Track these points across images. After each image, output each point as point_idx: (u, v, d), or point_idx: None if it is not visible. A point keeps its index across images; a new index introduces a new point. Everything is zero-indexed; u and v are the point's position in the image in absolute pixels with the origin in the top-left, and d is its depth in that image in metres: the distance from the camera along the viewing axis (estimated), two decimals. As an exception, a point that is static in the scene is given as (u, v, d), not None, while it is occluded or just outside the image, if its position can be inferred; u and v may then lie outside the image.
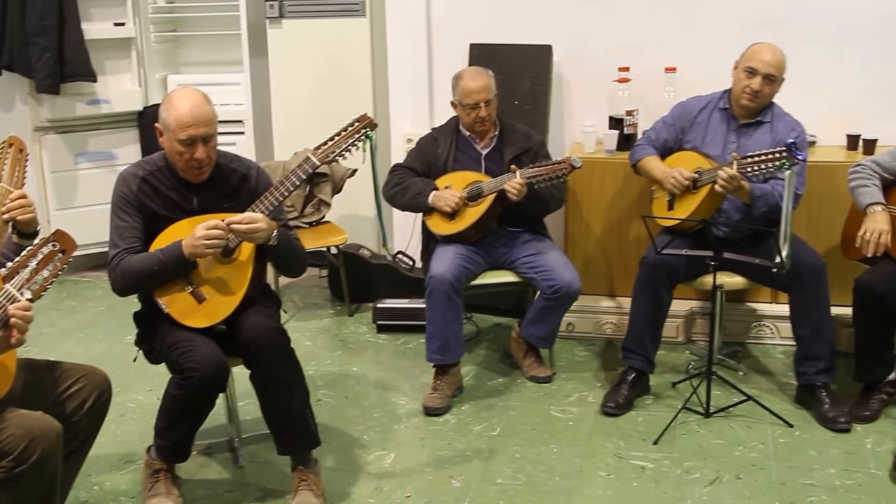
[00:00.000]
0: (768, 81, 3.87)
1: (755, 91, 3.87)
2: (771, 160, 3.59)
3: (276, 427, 3.26)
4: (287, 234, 3.31)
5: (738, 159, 3.70)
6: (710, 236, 3.69)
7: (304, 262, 3.47)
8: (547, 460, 3.57)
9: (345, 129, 3.30)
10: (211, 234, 3.06)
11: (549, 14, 4.94)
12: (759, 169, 3.62)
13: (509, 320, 4.83)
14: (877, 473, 3.41)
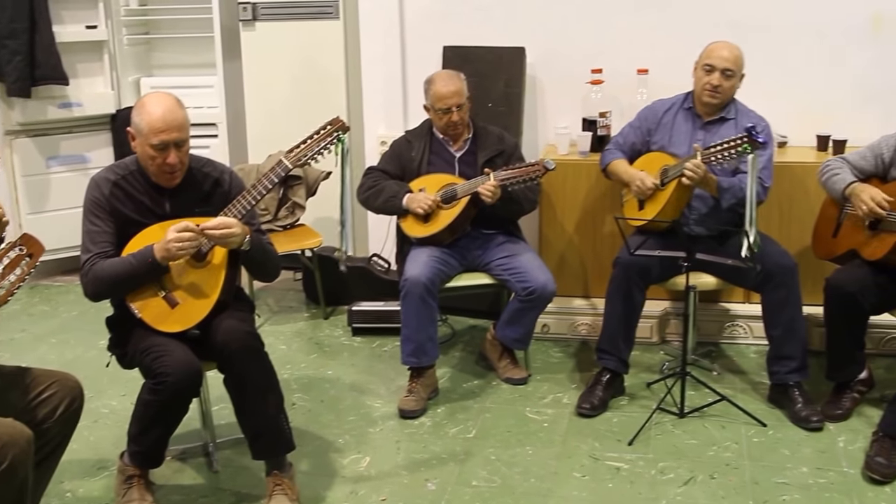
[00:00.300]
0: (727, 76, 3.92)
1: (715, 86, 3.93)
2: (733, 147, 3.63)
3: (250, 431, 3.25)
4: (260, 238, 3.30)
5: (701, 150, 3.74)
6: (681, 235, 3.72)
7: (277, 267, 3.46)
8: (522, 462, 3.57)
9: (317, 132, 3.30)
10: (183, 237, 3.04)
11: (522, 16, 4.95)
12: (723, 157, 3.67)
13: (485, 322, 4.84)
14: (849, 472, 3.44)
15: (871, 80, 4.65)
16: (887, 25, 4.60)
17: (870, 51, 4.64)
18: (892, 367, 4.25)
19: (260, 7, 5.47)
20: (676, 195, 3.87)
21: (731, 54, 3.94)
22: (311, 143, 3.29)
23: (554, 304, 4.28)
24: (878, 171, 3.78)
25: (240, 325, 3.20)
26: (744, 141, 3.59)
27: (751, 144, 3.57)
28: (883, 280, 3.66)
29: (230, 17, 5.60)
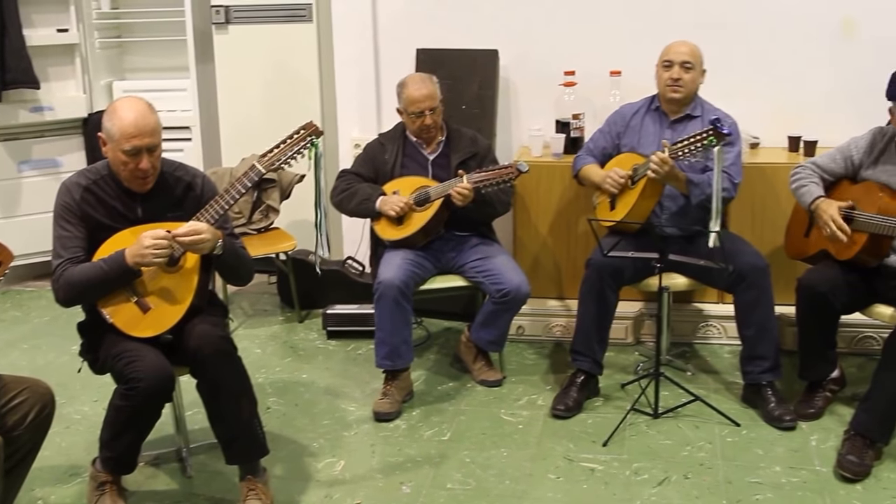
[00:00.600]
0: (686, 69, 3.98)
1: (676, 79, 3.99)
2: (699, 140, 3.65)
3: (223, 436, 3.23)
4: (233, 242, 3.29)
5: (668, 146, 3.76)
6: (654, 236, 3.73)
7: (251, 271, 3.45)
8: (497, 464, 3.58)
9: (290, 136, 3.29)
10: (157, 244, 3.03)
11: (495, 19, 4.96)
12: (690, 151, 3.69)
13: (460, 324, 4.83)
14: (821, 470, 3.46)
15: (841, 82, 4.69)
16: (857, 28, 4.65)
17: (840, 53, 4.68)
18: (863, 365, 4.28)
19: (233, 10, 5.45)
20: (646, 193, 3.89)
21: (687, 48, 4.02)
22: (285, 148, 3.28)
23: (528, 305, 4.29)
24: (847, 172, 3.82)
25: (212, 329, 3.18)
26: (709, 134, 3.61)
27: (716, 137, 3.59)
28: (854, 279, 3.69)
29: (203, 20, 5.58)
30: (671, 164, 3.74)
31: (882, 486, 3.34)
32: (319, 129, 3.30)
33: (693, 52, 4.02)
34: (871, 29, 4.62)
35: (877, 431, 3.45)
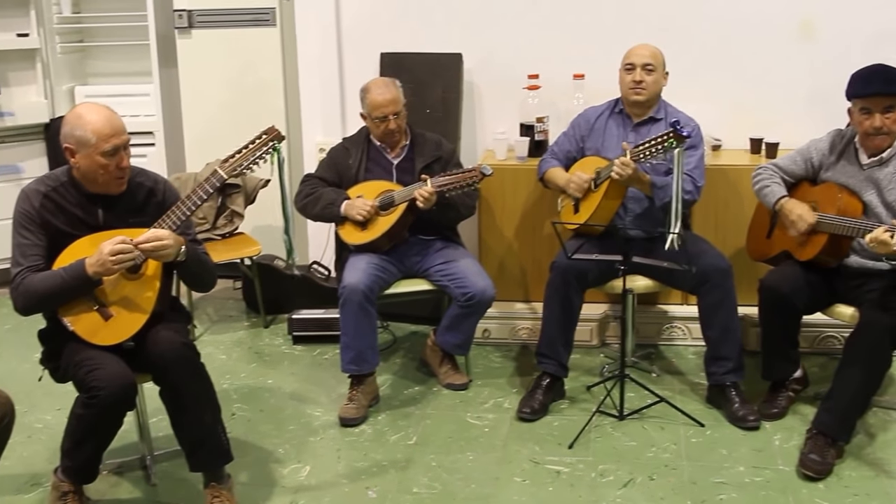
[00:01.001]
0: (648, 71, 4.01)
1: (638, 82, 4.01)
2: (660, 142, 3.68)
3: (187, 443, 3.21)
4: (196, 248, 3.27)
5: (629, 148, 3.78)
6: (618, 238, 3.75)
7: (213, 277, 3.43)
8: (463, 468, 3.58)
9: (252, 141, 3.27)
10: (118, 249, 3.00)
11: (458, 22, 4.96)
12: (651, 153, 3.71)
13: (426, 328, 4.83)
14: (784, 469, 3.49)
15: (801, 84, 4.74)
16: (816, 31, 4.70)
17: (799, 56, 4.73)
18: (826, 365, 4.32)
19: (196, 14, 5.42)
20: (609, 195, 3.91)
21: (648, 50, 4.05)
22: (247, 153, 3.26)
23: (494, 308, 4.30)
24: (808, 174, 3.86)
25: (175, 336, 3.16)
26: (669, 136, 3.64)
27: (676, 139, 3.62)
28: (815, 280, 3.73)
29: (166, 24, 5.55)
30: (633, 166, 3.76)
31: (844, 485, 3.37)
32: (281, 134, 3.28)
33: (655, 54, 4.05)
34: (829, 31, 4.68)
35: (838, 430, 3.49)
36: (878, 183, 3.62)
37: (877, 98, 3.52)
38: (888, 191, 3.60)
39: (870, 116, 3.55)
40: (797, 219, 3.68)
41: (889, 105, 3.52)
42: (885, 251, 3.26)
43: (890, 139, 3.59)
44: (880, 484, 3.38)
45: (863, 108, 3.57)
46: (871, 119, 3.54)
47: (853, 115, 3.64)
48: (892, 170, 3.60)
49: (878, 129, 3.54)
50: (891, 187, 3.59)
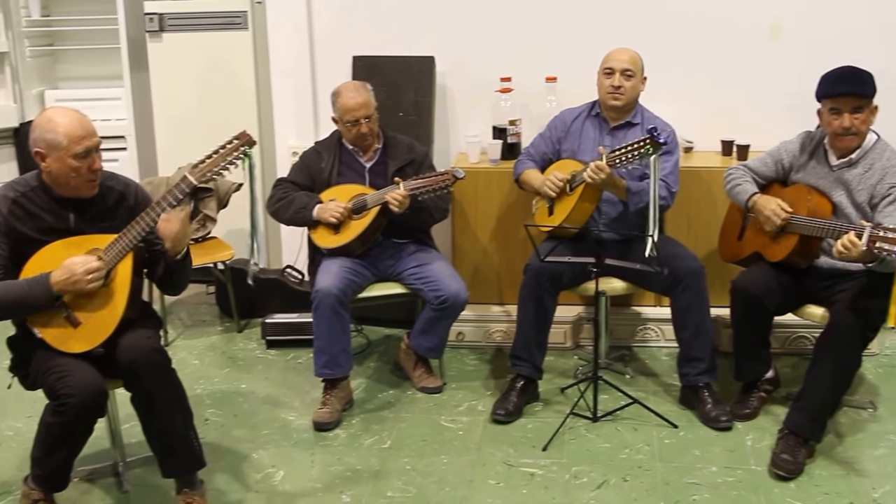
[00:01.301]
0: (627, 76, 4.01)
1: (616, 87, 4.01)
2: (636, 149, 3.69)
3: (159, 449, 3.20)
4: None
5: (605, 153, 3.79)
6: (590, 241, 3.76)
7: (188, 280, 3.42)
8: (437, 471, 3.57)
9: (223, 146, 3.24)
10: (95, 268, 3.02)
11: (431, 26, 4.96)
12: (627, 159, 3.72)
13: (400, 331, 4.82)
14: (756, 469, 3.51)
15: (771, 86, 4.77)
16: (784, 33, 4.73)
17: (769, 58, 4.77)
18: (797, 365, 4.35)
19: (167, 18, 5.39)
20: (584, 198, 3.92)
21: (628, 56, 4.05)
22: (217, 158, 3.23)
23: (468, 311, 4.31)
24: (778, 176, 3.89)
25: (146, 341, 3.14)
26: (646, 142, 3.65)
27: (652, 146, 3.63)
28: (786, 281, 3.75)
29: (136, 28, 5.52)
30: (608, 171, 3.77)
31: (814, 484, 3.40)
32: (253, 139, 3.26)
33: (634, 59, 4.05)
34: (798, 33, 4.72)
35: (809, 430, 3.51)
36: (847, 184, 3.65)
37: (846, 98, 3.55)
38: (857, 192, 3.63)
39: (839, 117, 3.58)
40: (771, 213, 3.70)
41: (858, 106, 3.56)
42: (856, 255, 3.28)
43: (858, 140, 3.62)
44: (850, 483, 3.40)
45: (832, 109, 3.59)
46: (840, 119, 3.57)
47: (823, 116, 3.67)
48: (861, 171, 3.63)
49: (847, 130, 3.57)
50: (860, 188, 3.62)
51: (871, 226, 3.23)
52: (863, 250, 3.23)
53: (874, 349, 4.48)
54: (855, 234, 3.27)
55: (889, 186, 3.56)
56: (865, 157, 3.65)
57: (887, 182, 3.57)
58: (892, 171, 3.58)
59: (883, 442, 3.70)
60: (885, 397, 4.08)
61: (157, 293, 4.82)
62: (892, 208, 3.53)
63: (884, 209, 3.56)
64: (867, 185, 3.61)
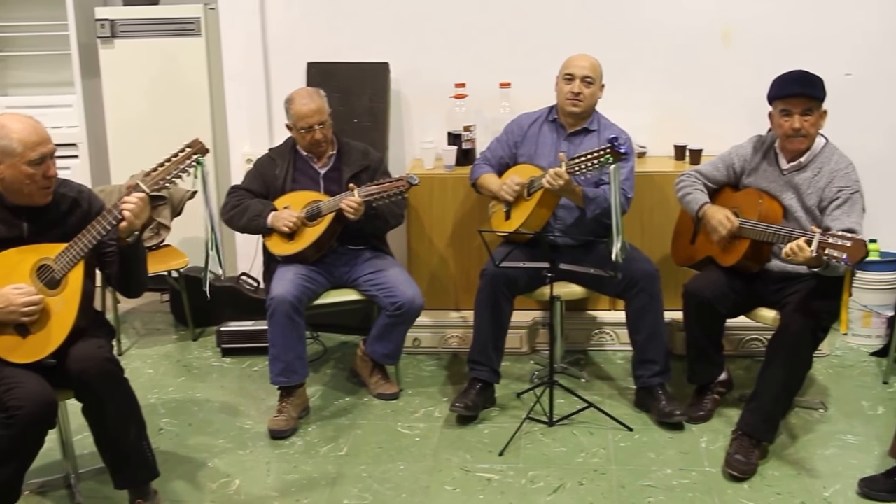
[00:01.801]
0: (587, 83, 4.03)
1: (576, 94, 4.03)
2: (596, 157, 3.70)
3: (111, 460, 3.16)
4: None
5: (565, 160, 3.81)
6: (545, 246, 3.78)
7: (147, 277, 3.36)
8: (394, 478, 3.57)
9: (175, 154, 3.21)
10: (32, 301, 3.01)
11: (385, 32, 4.97)
12: (587, 167, 3.73)
13: (356, 338, 4.81)
14: (710, 471, 3.54)
15: (723, 91, 4.83)
16: (734, 40, 4.79)
17: (720, 64, 4.83)
18: (750, 368, 4.40)
19: (119, 24, 5.34)
20: (542, 204, 3.94)
21: (588, 62, 4.06)
22: (169, 166, 3.19)
23: (424, 317, 4.31)
24: (730, 180, 3.93)
25: (97, 351, 3.10)
26: (606, 152, 3.67)
27: (613, 155, 3.65)
28: (737, 285, 3.79)
29: (88, 34, 5.46)
30: (567, 178, 3.79)
31: (767, 484, 3.43)
32: (205, 147, 3.23)
33: (594, 66, 4.07)
34: (749, 40, 4.78)
35: (762, 431, 3.56)
36: (797, 187, 3.70)
37: (796, 99, 3.61)
38: (807, 195, 3.68)
39: (789, 118, 3.63)
40: (718, 224, 3.74)
41: (808, 108, 3.61)
42: (804, 259, 3.32)
43: (807, 142, 3.68)
44: (802, 482, 3.45)
45: (783, 110, 3.65)
46: (790, 120, 3.62)
47: (774, 118, 3.72)
48: (811, 174, 3.69)
49: (797, 131, 3.62)
50: (809, 192, 3.67)
51: (820, 232, 3.27)
52: (811, 256, 3.27)
53: (824, 350, 4.54)
54: (805, 239, 3.31)
55: (837, 190, 3.61)
56: (815, 161, 3.70)
57: (835, 185, 3.62)
58: (840, 175, 3.64)
59: (833, 442, 3.75)
60: (836, 398, 4.14)
61: (110, 302, 4.78)
62: (839, 212, 3.59)
63: (832, 212, 3.61)
64: (816, 188, 3.66)
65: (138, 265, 3.26)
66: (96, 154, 5.67)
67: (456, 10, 4.92)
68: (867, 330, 4.68)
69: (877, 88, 4.77)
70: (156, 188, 3.17)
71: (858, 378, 4.35)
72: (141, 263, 3.28)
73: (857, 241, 3.15)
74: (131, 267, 3.23)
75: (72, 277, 3.10)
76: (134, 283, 3.33)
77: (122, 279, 3.28)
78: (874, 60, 4.75)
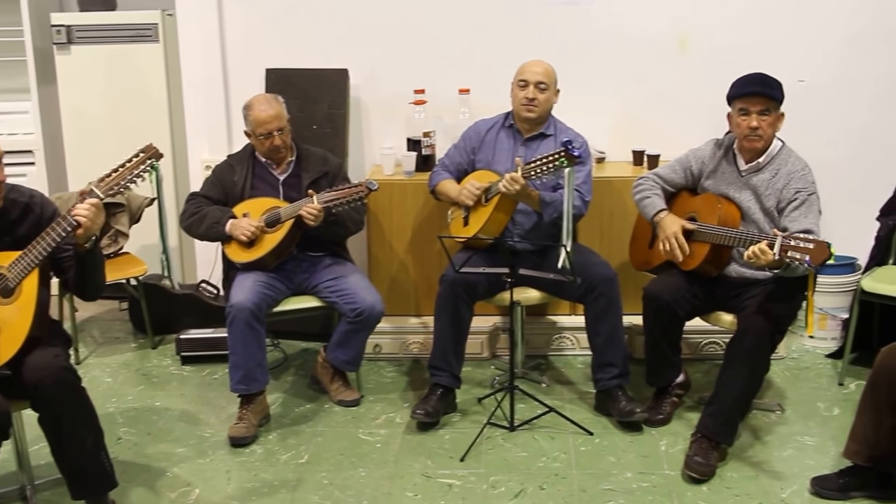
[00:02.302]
0: (541, 89, 4.05)
1: (531, 99, 4.05)
2: (551, 161, 3.73)
3: (68, 471, 3.13)
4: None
5: (521, 164, 3.82)
6: (504, 251, 3.79)
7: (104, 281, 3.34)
8: (355, 485, 3.56)
9: (129, 160, 3.18)
10: None
11: (344, 38, 4.96)
12: (542, 171, 3.76)
13: (317, 345, 4.80)
14: (670, 474, 3.57)
15: (679, 96, 4.87)
16: (691, 47, 4.84)
17: (677, 70, 4.87)
18: (709, 371, 4.44)
19: (75, 30, 5.29)
20: (500, 209, 3.95)
21: (542, 68, 4.08)
22: (124, 172, 3.16)
23: (385, 323, 4.30)
24: (688, 183, 3.96)
25: (53, 360, 3.06)
26: (561, 155, 3.69)
27: (567, 159, 3.68)
28: (697, 288, 3.83)
29: (43, 39, 5.41)
30: (523, 182, 3.80)
31: (726, 486, 3.46)
32: (159, 152, 3.20)
33: (548, 72, 4.09)
34: (706, 47, 4.83)
35: (721, 433, 3.59)
36: (755, 189, 3.74)
37: (755, 98, 3.66)
38: (765, 197, 3.72)
39: (747, 117, 3.68)
40: (665, 240, 3.79)
41: (765, 108, 3.66)
42: (766, 262, 3.36)
43: (764, 143, 3.72)
44: (760, 484, 3.48)
45: (741, 109, 3.70)
46: (748, 119, 3.67)
47: (732, 118, 3.76)
48: (769, 176, 3.73)
49: (754, 130, 3.67)
50: (768, 193, 3.72)
51: (782, 235, 3.31)
52: (774, 259, 3.31)
53: (781, 353, 4.60)
54: (766, 243, 3.34)
55: (794, 191, 3.66)
56: (772, 163, 3.75)
57: (793, 187, 3.67)
58: (797, 177, 3.69)
59: (790, 443, 3.79)
60: (793, 400, 4.19)
61: (67, 311, 4.73)
62: (797, 213, 3.64)
63: (789, 214, 3.66)
64: (774, 189, 3.71)
65: (95, 270, 3.23)
66: (53, 161, 5.61)
67: (415, 16, 4.92)
68: (823, 332, 4.74)
69: (829, 94, 4.84)
70: (110, 193, 3.13)
71: (815, 380, 4.41)
72: (98, 268, 3.25)
73: (819, 243, 3.20)
74: (88, 272, 3.20)
75: (26, 286, 3.06)
76: (90, 287, 3.30)
77: (79, 283, 3.25)
78: (827, 67, 4.82)
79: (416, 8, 4.92)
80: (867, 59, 4.82)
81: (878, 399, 3.21)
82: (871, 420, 3.23)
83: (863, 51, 4.81)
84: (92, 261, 3.17)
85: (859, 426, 3.29)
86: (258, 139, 4.07)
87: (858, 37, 4.80)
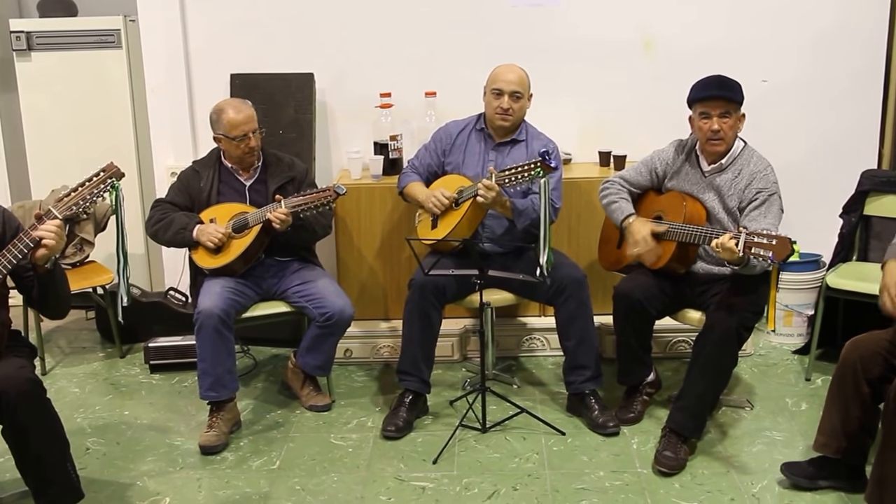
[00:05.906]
0: (516, 98, 4.04)
1: (505, 109, 4.04)
2: (527, 170, 3.72)
3: (34, 483, 3.08)
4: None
5: (495, 172, 3.82)
6: (473, 253, 3.79)
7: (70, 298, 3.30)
8: (328, 490, 3.54)
9: (89, 179, 3.11)
10: None
11: (309, 42, 4.95)
12: (517, 179, 3.75)
13: (287, 350, 4.77)
14: (642, 472, 3.59)
15: (644, 98, 4.91)
16: (657, 49, 4.88)
17: (642, 72, 4.91)
18: (678, 369, 4.46)
19: (35, 36, 5.24)
20: (470, 215, 3.94)
21: (516, 76, 4.06)
22: (83, 191, 3.09)
23: (355, 327, 4.29)
24: (653, 184, 3.99)
25: (17, 371, 3.01)
26: (537, 165, 3.68)
27: (543, 169, 3.67)
28: (666, 286, 3.85)
29: (3, 47, 5.36)
30: (497, 190, 3.80)
31: (697, 482, 3.49)
32: (121, 172, 3.15)
33: (522, 80, 4.07)
34: (670, 49, 4.87)
35: (690, 428, 3.63)
36: (719, 189, 3.77)
37: (715, 102, 3.69)
38: (729, 197, 3.75)
39: (708, 120, 3.71)
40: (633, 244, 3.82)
41: (726, 110, 3.69)
42: (728, 257, 3.39)
43: (725, 144, 3.75)
44: (731, 479, 3.51)
45: (702, 113, 3.72)
46: (709, 122, 3.70)
47: (694, 121, 3.79)
48: (731, 176, 3.76)
49: (716, 133, 3.70)
50: (730, 193, 3.75)
51: (746, 232, 3.34)
52: (738, 255, 3.33)
53: (749, 350, 4.64)
54: (731, 236, 3.37)
55: (756, 192, 3.69)
56: (734, 163, 3.77)
57: (754, 187, 3.70)
58: (759, 177, 3.72)
59: (759, 439, 3.82)
60: (761, 396, 4.22)
61: (33, 321, 4.67)
62: (757, 213, 3.67)
63: (749, 213, 3.69)
64: (736, 189, 3.74)
65: (57, 288, 3.18)
66: (15, 169, 5.55)
67: (380, 19, 4.92)
68: (789, 329, 4.78)
69: (791, 94, 4.90)
70: (69, 214, 3.08)
71: (782, 376, 4.45)
72: (60, 286, 3.20)
73: (781, 240, 3.23)
74: (50, 291, 3.16)
75: (-12, 297, 3.02)
76: (54, 306, 3.26)
77: (42, 302, 3.21)
78: (789, 68, 4.88)
79: (382, 11, 4.91)
80: (829, 59, 4.88)
81: (844, 392, 3.24)
82: (838, 412, 3.27)
83: (825, 51, 4.88)
84: (52, 281, 3.12)
85: (827, 419, 3.32)
86: (232, 142, 4.02)
87: (821, 38, 4.86)
